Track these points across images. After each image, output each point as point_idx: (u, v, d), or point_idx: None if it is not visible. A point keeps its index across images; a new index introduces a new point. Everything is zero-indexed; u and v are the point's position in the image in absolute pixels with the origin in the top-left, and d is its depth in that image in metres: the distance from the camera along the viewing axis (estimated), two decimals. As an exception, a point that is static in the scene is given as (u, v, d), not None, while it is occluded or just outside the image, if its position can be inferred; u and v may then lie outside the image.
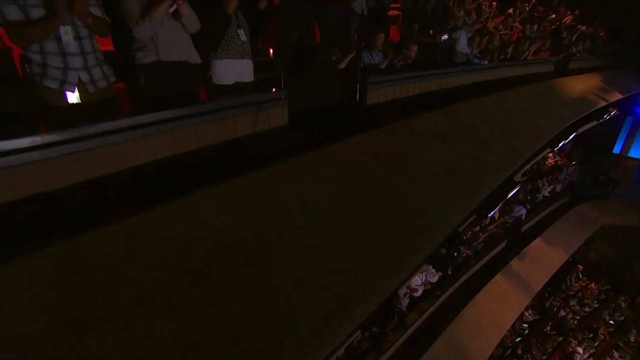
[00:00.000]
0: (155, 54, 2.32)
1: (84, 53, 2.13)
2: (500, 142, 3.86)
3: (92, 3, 2.14)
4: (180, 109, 2.25)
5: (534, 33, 9.03)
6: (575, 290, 11.35)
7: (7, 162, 1.68)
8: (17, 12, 1.92)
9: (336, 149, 2.69)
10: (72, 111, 2.14)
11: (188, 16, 2.38)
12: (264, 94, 2.72)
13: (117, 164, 2.06)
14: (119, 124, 2.01)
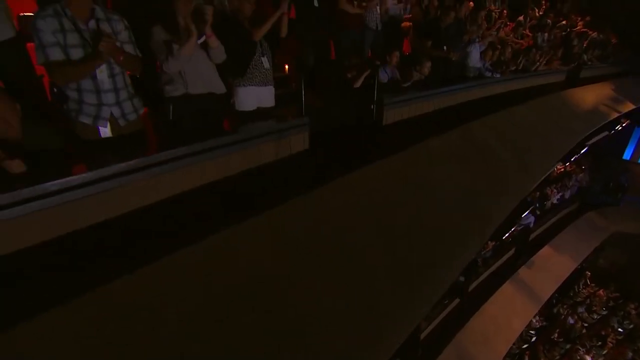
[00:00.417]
0: (184, 87, 2.40)
1: (117, 89, 2.21)
2: (514, 160, 3.91)
3: (126, 40, 2.21)
4: (209, 141, 2.32)
5: (545, 42, 9.02)
6: (584, 297, 11.30)
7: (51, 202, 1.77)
8: (59, 53, 2.00)
9: (355, 176, 2.75)
10: (105, 145, 2.22)
11: (216, 48, 2.45)
12: (287, 122, 2.79)
13: (146, 198, 2.14)
14: (149, 160, 2.09)
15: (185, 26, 2.29)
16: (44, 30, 1.97)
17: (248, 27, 2.79)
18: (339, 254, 2.25)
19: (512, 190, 3.42)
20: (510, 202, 3.29)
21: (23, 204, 1.72)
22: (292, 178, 2.76)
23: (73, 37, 2.03)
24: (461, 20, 5.22)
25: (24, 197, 1.71)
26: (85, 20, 2.07)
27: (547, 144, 4.53)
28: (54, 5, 2.02)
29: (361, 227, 2.45)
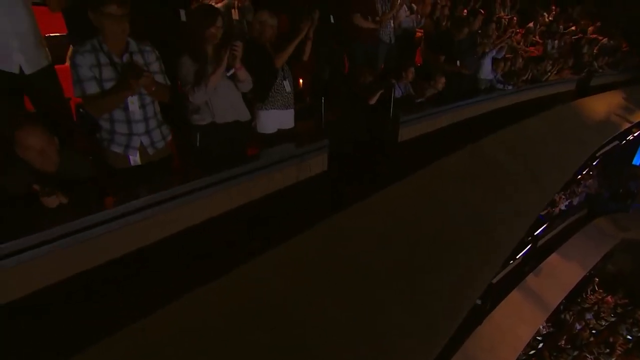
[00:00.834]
0: (211, 117, 2.46)
1: (147, 118, 2.27)
2: (525, 178, 3.94)
3: (157, 71, 2.28)
4: (236, 168, 2.39)
5: (555, 49, 9.00)
6: (591, 303, 11.27)
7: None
8: (95, 87, 2.07)
9: (371, 201, 2.80)
10: (135, 173, 2.29)
11: (244, 80, 2.52)
12: (308, 146, 2.85)
13: (176, 226, 2.22)
14: (179, 190, 2.17)
15: (211, 59, 2.35)
16: (82, 65, 2.05)
17: (270, 52, 2.85)
18: (355, 280, 2.31)
19: (525, 210, 3.46)
20: (525, 223, 3.33)
21: (67, 237, 1.79)
22: (312, 201, 2.82)
23: (108, 71, 2.10)
24: (474, 34, 5.25)
25: (69, 230, 1.79)
26: (119, 54, 2.14)
27: (559, 158, 4.56)
28: (92, 40, 2.09)
29: (376, 262, 2.52)
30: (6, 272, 1.66)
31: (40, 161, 1.98)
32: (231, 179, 2.40)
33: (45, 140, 1.97)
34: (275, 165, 2.66)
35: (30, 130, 1.91)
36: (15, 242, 1.67)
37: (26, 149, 1.93)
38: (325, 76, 4.41)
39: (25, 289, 1.72)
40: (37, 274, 1.76)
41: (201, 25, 2.32)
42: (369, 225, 2.69)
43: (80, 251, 1.86)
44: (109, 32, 2.05)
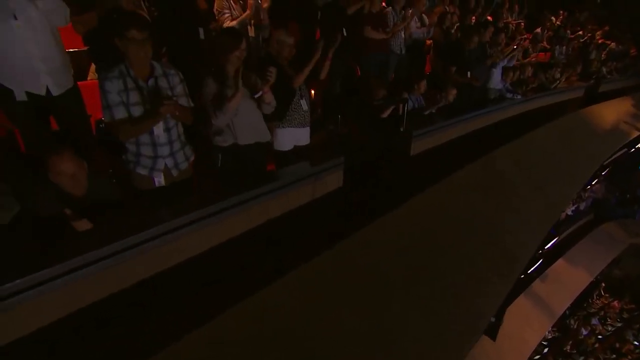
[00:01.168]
0: (233, 138, 2.51)
1: (171, 141, 2.33)
2: (535, 193, 3.97)
3: (181, 94, 2.33)
4: (256, 189, 2.45)
5: (563, 54, 8.99)
6: (597, 308, 11.25)
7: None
8: (123, 112, 2.14)
9: (385, 220, 2.85)
10: (158, 193, 2.35)
11: (269, 103, 2.57)
12: (324, 164, 2.90)
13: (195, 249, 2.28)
14: (202, 213, 2.23)
15: (232, 80, 2.40)
16: (111, 91, 2.11)
17: (288, 71, 2.90)
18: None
19: (537, 225, 3.49)
20: (536, 238, 3.37)
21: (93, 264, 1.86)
22: (329, 217, 2.87)
23: (134, 95, 2.16)
24: (484, 43, 5.27)
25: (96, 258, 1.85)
26: (145, 78, 2.20)
27: (568, 171, 4.58)
28: (119, 66, 2.15)
29: (392, 280, 2.56)
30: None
31: (71, 185, 2.04)
32: (251, 199, 2.45)
33: (76, 165, 2.03)
34: (293, 184, 2.71)
35: (64, 156, 1.97)
36: (45, 272, 1.72)
37: (58, 174, 1.98)
38: (336, 89, 4.46)
39: (51, 316, 1.78)
40: (58, 303, 1.82)
41: (226, 48, 2.37)
42: (385, 239, 2.75)
43: (104, 277, 1.91)
44: (133, 56, 2.10)
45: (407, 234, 2.93)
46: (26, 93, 2.40)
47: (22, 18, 2.24)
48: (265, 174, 2.68)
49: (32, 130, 2.58)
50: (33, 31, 2.30)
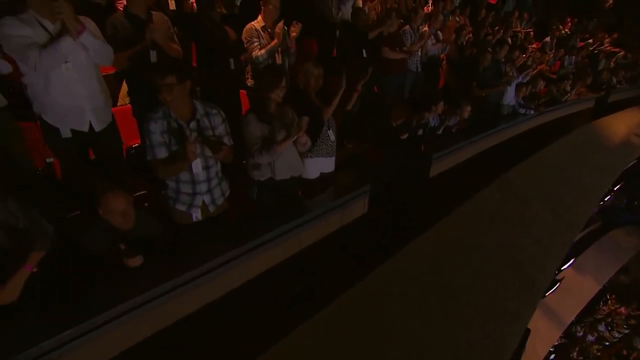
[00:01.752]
0: (271, 174, 2.60)
1: (210, 179, 2.41)
2: (551, 214, 4.04)
3: (223, 133, 2.42)
4: (291, 222, 2.54)
5: (572, 64, 9.02)
6: (604, 314, 11.28)
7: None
8: (164, 152, 2.22)
9: (407, 251, 2.94)
10: (196, 228, 2.45)
11: (305, 144, 2.66)
12: (352, 192, 2.99)
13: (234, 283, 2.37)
14: (241, 250, 2.32)
15: (275, 116, 2.49)
16: (155, 132, 2.19)
17: (315, 102, 2.98)
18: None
19: (555, 249, 3.57)
20: (555, 262, 3.45)
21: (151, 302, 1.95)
22: (356, 245, 2.97)
23: (176, 137, 2.24)
24: (498, 62, 5.34)
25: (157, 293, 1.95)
26: (187, 119, 2.27)
27: (582, 189, 4.66)
28: (163, 107, 2.22)
29: (417, 309, 2.65)
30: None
31: (120, 222, 2.10)
32: (286, 233, 2.55)
33: (127, 201, 2.09)
34: (323, 214, 2.80)
35: (115, 194, 2.04)
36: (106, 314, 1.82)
37: (110, 212, 2.05)
38: (355, 108, 4.54)
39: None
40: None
41: (268, 86, 2.45)
42: (407, 269, 2.83)
43: (149, 316, 2.01)
44: (171, 100, 2.17)
45: (429, 262, 3.01)
46: (71, 130, 2.50)
47: (72, 61, 2.33)
48: (299, 206, 2.76)
49: (73, 163, 2.68)
50: (80, 73, 2.41)
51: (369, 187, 3.15)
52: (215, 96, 3.10)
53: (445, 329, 2.60)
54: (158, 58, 2.86)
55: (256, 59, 3.27)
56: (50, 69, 2.27)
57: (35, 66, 2.21)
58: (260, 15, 3.37)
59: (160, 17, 2.92)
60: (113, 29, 2.75)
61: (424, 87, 5.35)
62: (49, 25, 2.28)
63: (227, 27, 3.25)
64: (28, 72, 2.33)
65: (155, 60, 2.85)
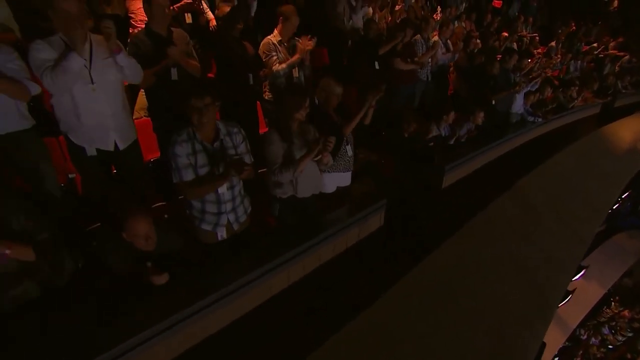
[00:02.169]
0: (293, 191, 2.64)
1: (234, 197, 2.45)
2: (561, 225, 4.08)
3: (244, 151, 2.45)
4: (312, 239, 2.59)
5: (577, 70, 9.05)
6: (607, 317, 11.30)
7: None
8: (191, 174, 2.25)
9: (422, 267, 2.98)
10: (220, 246, 2.49)
11: (327, 163, 2.70)
12: (369, 207, 3.03)
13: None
14: (264, 269, 2.37)
15: (296, 135, 2.53)
16: (181, 155, 2.22)
17: (334, 117, 3.01)
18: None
19: (567, 262, 3.62)
20: (567, 275, 3.49)
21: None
22: (373, 258, 3.01)
23: (202, 158, 2.27)
24: (507, 71, 5.37)
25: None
26: (211, 140, 2.31)
27: (592, 199, 4.70)
28: (187, 129, 2.26)
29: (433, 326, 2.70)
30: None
31: (144, 244, 2.14)
32: (307, 250, 2.59)
33: (150, 226, 2.13)
34: (343, 230, 2.84)
35: (140, 219, 2.05)
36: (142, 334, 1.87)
37: (134, 237, 2.07)
38: (367, 120, 4.58)
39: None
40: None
41: (292, 107, 2.48)
42: (423, 283, 2.88)
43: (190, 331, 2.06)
44: (197, 122, 2.20)
45: (446, 275, 3.05)
46: (96, 149, 2.54)
47: (99, 81, 2.38)
48: (318, 222, 2.80)
49: (97, 180, 2.72)
50: (106, 93, 2.45)
51: (385, 201, 3.19)
52: (233, 111, 3.13)
53: (459, 343, 2.64)
54: (178, 75, 2.90)
55: (276, 72, 3.31)
56: (66, 88, 2.31)
57: (52, 88, 2.27)
58: (277, 30, 3.41)
59: (180, 33, 2.95)
60: (135, 47, 2.79)
61: (434, 96, 5.38)
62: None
63: (246, 42, 3.29)
64: (56, 93, 2.38)
65: (176, 77, 2.89)
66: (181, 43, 2.88)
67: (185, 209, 2.47)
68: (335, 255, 2.89)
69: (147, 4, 2.76)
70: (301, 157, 2.49)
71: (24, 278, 1.96)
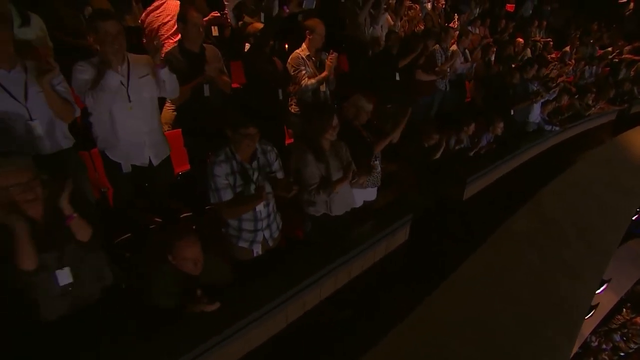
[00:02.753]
0: (325, 209, 2.67)
1: (269, 214, 2.49)
2: (582, 239, 4.07)
3: (277, 169, 2.48)
4: (344, 255, 2.62)
5: (592, 76, 8.97)
6: (619, 324, 11.22)
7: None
8: (229, 194, 2.29)
9: (448, 283, 3.00)
10: (256, 263, 2.53)
11: (363, 184, 2.74)
12: (396, 222, 3.06)
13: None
14: (299, 288, 2.40)
15: (335, 166, 2.57)
16: (220, 175, 2.26)
17: (364, 133, 3.04)
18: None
19: (589, 277, 3.62)
20: (590, 291, 3.50)
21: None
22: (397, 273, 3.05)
23: (240, 177, 2.31)
24: (526, 80, 5.36)
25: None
26: (249, 160, 2.35)
27: (612, 212, 4.69)
28: (225, 149, 2.30)
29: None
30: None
31: (192, 268, 2.07)
32: (339, 266, 2.62)
33: (199, 249, 2.05)
34: (372, 245, 2.88)
35: (190, 241, 2.02)
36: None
37: (182, 260, 2.03)
38: (388, 130, 4.59)
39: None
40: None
41: (321, 129, 2.52)
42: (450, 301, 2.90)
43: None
44: (244, 147, 2.26)
45: (470, 295, 3.08)
46: (131, 165, 2.59)
47: (136, 99, 2.42)
48: (349, 238, 2.83)
49: (130, 195, 2.77)
50: (143, 110, 2.51)
51: (411, 216, 3.21)
52: (262, 126, 3.17)
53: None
54: (210, 91, 2.95)
55: (305, 87, 3.35)
56: (106, 107, 2.36)
57: (93, 107, 2.32)
58: (305, 44, 3.45)
59: (213, 51, 3.00)
60: (169, 64, 2.83)
61: (452, 106, 5.39)
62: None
63: (275, 58, 3.33)
64: (95, 111, 2.43)
65: (208, 93, 2.94)
66: (214, 60, 2.92)
67: (221, 227, 2.51)
68: (365, 269, 2.92)
69: (183, 22, 2.81)
70: (338, 180, 2.52)
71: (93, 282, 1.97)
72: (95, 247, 1.99)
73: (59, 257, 1.86)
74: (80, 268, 1.92)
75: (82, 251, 1.93)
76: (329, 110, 2.59)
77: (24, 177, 1.65)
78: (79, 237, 1.83)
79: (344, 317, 2.64)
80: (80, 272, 1.92)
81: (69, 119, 2.36)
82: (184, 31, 2.83)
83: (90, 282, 1.98)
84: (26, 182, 1.65)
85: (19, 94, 2.18)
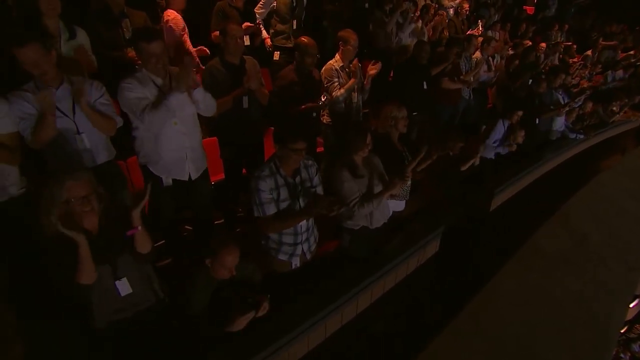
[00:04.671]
0: (367, 223, 2.70)
1: (308, 228, 2.53)
2: (611, 251, 4.04)
3: (317, 184, 2.51)
4: (381, 269, 2.66)
5: (615, 80, 8.82)
6: (638, 334, 11.05)
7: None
8: (273, 209, 2.32)
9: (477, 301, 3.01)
10: (294, 275, 2.57)
11: (398, 197, 2.77)
12: (429, 235, 3.08)
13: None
14: (338, 303, 2.44)
15: (374, 180, 2.61)
16: (264, 189, 2.28)
17: (399, 147, 3.05)
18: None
19: (621, 291, 3.60)
20: (623, 304, 3.47)
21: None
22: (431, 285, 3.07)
23: (284, 192, 2.34)
24: (553, 89, 5.31)
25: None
26: (293, 175, 2.39)
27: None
28: (270, 164, 2.33)
29: None
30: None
31: (226, 275, 2.11)
32: (376, 280, 2.66)
33: (235, 257, 2.11)
34: (406, 259, 2.90)
35: (231, 250, 2.06)
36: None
37: (222, 266, 2.08)
38: (413, 136, 4.61)
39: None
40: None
41: (355, 147, 2.55)
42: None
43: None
44: (292, 162, 2.29)
45: (502, 314, 3.08)
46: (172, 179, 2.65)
47: (179, 115, 2.47)
48: (385, 252, 2.86)
49: (169, 209, 2.82)
50: (186, 126, 2.55)
51: (442, 229, 3.23)
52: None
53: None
54: (249, 103, 2.99)
55: (336, 98, 3.38)
56: (162, 124, 2.41)
57: (150, 125, 2.37)
58: (338, 55, 3.47)
59: (252, 62, 3.04)
60: (210, 76, 2.89)
61: (476, 115, 5.37)
62: (159, 81, 2.43)
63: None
64: (140, 127, 2.48)
65: (246, 105, 2.98)
66: (254, 72, 2.96)
67: (260, 240, 2.55)
68: (398, 282, 2.95)
69: (222, 35, 2.85)
70: (379, 193, 2.55)
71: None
72: (146, 259, 2.05)
73: (113, 270, 1.93)
74: (134, 279, 1.99)
75: (133, 263, 2.00)
76: (362, 130, 2.61)
77: (85, 190, 1.71)
78: (139, 248, 1.88)
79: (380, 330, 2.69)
80: (134, 283, 1.99)
81: (111, 133, 2.41)
82: (223, 43, 2.87)
83: (145, 292, 2.04)
84: (86, 195, 1.71)
85: (67, 109, 2.25)
